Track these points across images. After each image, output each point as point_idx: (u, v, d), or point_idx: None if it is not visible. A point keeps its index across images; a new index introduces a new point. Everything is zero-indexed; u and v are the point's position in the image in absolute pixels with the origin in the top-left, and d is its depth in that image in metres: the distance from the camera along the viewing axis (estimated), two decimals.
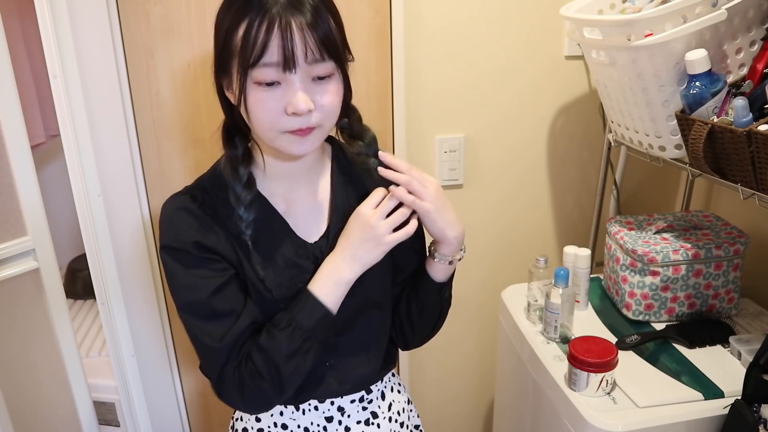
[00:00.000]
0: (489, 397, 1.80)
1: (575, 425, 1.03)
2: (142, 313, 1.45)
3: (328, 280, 0.81)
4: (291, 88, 0.72)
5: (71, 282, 2.01)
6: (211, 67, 0.79)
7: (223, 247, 0.81)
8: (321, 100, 0.74)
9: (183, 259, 0.80)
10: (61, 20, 1.20)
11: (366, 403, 0.95)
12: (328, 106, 0.75)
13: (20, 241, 1.15)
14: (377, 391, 0.97)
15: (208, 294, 0.79)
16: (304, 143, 0.76)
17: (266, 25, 0.69)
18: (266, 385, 0.80)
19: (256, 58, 0.70)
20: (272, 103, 0.72)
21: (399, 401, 1.01)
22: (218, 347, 0.79)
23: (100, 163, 1.31)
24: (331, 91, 0.75)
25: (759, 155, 0.89)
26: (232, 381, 0.80)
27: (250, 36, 0.69)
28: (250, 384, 0.80)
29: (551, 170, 1.61)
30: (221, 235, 0.82)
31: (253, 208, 0.81)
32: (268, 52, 0.69)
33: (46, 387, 1.26)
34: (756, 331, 1.19)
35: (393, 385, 1.01)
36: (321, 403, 0.92)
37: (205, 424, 1.63)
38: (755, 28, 1.03)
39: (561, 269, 1.16)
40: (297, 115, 0.73)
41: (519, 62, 1.48)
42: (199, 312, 0.80)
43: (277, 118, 0.73)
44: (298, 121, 0.73)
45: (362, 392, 0.95)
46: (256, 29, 0.69)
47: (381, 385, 0.98)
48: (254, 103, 0.73)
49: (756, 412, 0.92)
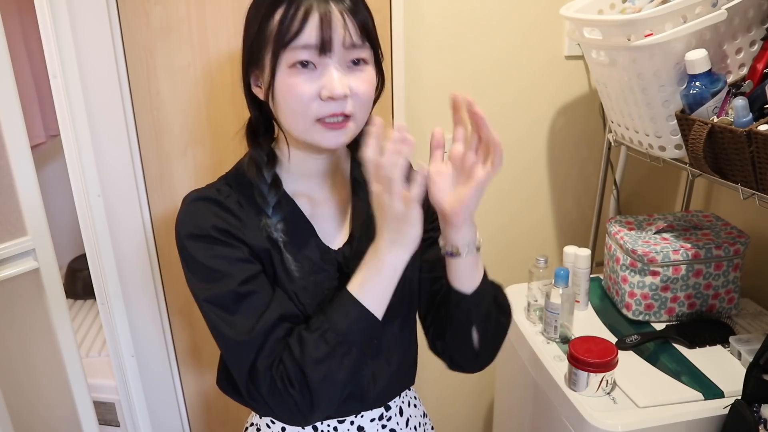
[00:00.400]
0: (489, 397, 1.80)
1: (575, 425, 1.03)
2: (142, 313, 1.45)
3: (369, 269, 0.72)
4: (326, 71, 0.70)
5: (71, 282, 2.01)
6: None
7: (250, 239, 0.76)
8: (356, 87, 0.72)
9: (207, 245, 0.74)
10: (61, 20, 1.20)
11: (385, 421, 0.91)
12: (362, 95, 0.73)
13: (20, 241, 1.14)
14: (395, 407, 0.93)
15: (237, 283, 0.73)
16: (337, 136, 0.73)
17: (304, 9, 0.68)
18: (295, 393, 0.71)
19: (292, 37, 0.68)
20: (306, 86, 0.70)
21: (415, 416, 0.98)
22: (246, 340, 0.72)
23: (100, 163, 1.31)
24: (366, 80, 0.73)
25: (759, 155, 0.89)
26: (264, 380, 0.72)
27: (287, 19, 0.68)
28: (281, 389, 0.71)
29: (551, 170, 1.61)
30: (249, 228, 0.77)
31: (280, 208, 0.78)
32: (305, 34, 0.68)
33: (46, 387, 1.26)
34: (756, 331, 1.19)
35: (410, 399, 0.97)
36: (341, 424, 0.88)
37: (205, 424, 1.63)
38: (755, 28, 1.03)
39: (561, 269, 1.16)
40: (332, 99, 0.70)
41: (519, 62, 1.48)
42: (225, 302, 0.73)
43: (310, 103, 0.70)
44: (333, 107, 0.71)
45: (381, 409, 0.90)
46: (294, 12, 0.68)
47: (399, 400, 0.93)
48: (287, 88, 0.70)
49: (756, 412, 0.92)
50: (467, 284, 0.80)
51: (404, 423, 0.94)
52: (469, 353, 0.84)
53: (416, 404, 1.00)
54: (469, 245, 0.77)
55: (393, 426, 0.92)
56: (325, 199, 0.84)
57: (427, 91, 1.46)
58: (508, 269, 1.67)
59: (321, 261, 0.80)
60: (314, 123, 0.72)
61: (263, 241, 0.77)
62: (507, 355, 1.40)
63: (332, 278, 0.81)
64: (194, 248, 0.75)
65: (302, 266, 0.79)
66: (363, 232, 0.82)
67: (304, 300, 0.79)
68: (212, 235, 0.74)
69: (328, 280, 0.80)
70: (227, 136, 1.36)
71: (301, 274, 0.78)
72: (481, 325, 0.82)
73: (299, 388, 0.71)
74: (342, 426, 0.88)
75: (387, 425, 0.92)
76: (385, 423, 0.91)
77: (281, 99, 0.72)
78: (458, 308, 0.81)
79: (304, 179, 0.83)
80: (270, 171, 0.79)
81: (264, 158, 0.79)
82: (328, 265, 0.81)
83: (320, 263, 0.80)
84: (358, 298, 0.73)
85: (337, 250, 0.83)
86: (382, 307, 0.74)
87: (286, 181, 0.82)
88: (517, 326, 1.30)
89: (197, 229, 0.75)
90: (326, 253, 0.82)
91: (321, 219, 0.83)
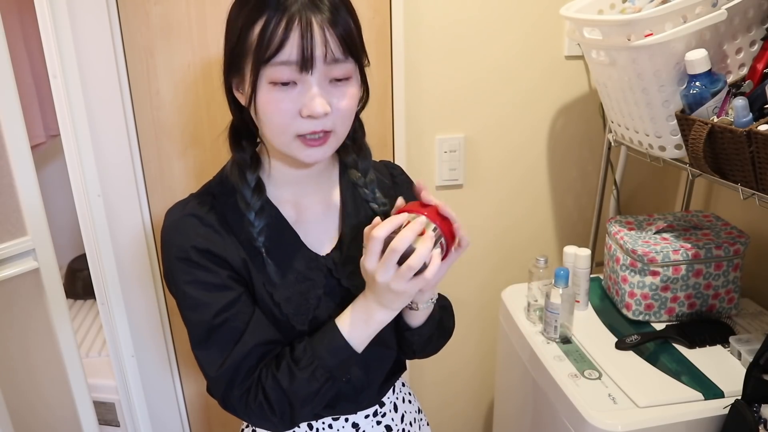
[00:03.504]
0: (489, 397, 1.80)
1: (575, 425, 1.03)
2: (142, 313, 1.45)
3: (358, 319, 0.75)
4: (307, 90, 0.69)
5: (71, 282, 2.01)
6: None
7: (231, 256, 0.77)
8: (338, 103, 0.71)
9: (187, 269, 0.75)
10: (61, 20, 1.20)
11: (380, 417, 0.92)
12: (344, 110, 0.72)
13: (20, 241, 1.14)
14: (390, 403, 0.94)
15: (212, 314, 0.75)
16: (317, 151, 0.73)
17: (285, 22, 0.66)
18: (275, 420, 0.76)
19: (272, 55, 0.66)
20: (287, 104, 0.69)
21: (410, 411, 0.98)
22: (215, 376, 0.76)
23: (100, 163, 1.31)
24: (348, 95, 0.72)
25: (759, 155, 0.89)
26: (239, 406, 0.77)
27: (267, 32, 0.66)
28: (256, 413, 0.76)
29: (551, 170, 1.61)
30: (231, 244, 0.77)
31: (263, 214, 0.78)
32: (286, 50, 0.66)
33: (45, 387, 1.26)
34: (756, 331, 1.19)
35: (404, 395, 0.98)
36: (335, 421, 0.89)
37: (204, 424, 1.63)
38: (755, 28, 1.03)
39: (561, 269, 1.16)
40: (312, 118, 0.69)
41: (519, 62, 1.48)
42: (199, 334, 0.76)
43: (291, 121, 0.70)
44: (313, 124, 0.70)
45: (375, 406, 0.91)
46: (274, 26, 0.66)
47: (393, 396, 0.95)
48: (267, 104, 0.70)
49: (756, 412, 0.92)
50: (415, 322, 0.85)
51: (399, 419, 0.95)
52: (408, 354, 0.92)
53: (411, 400, 1.00)
54: (428, 302, 0.82)
55: (388, 422, 0.93)
56: (311, 204, 0.83)
57: (427, 94, 1.46)
58: (508, 269, 1.68)
59: (306, 270, 0.80)
60: (294, 139, 0.72)
61: (244, 253, 0.77)
62: (507, 355, 1.40)
63: (318, 287, 0.80)
64: (175, 269, 0.76)
65: (286, 277, 0.79)
66: (353, 237, 0.82)
67: (287, 311, 0.78)
68: (192, 259, 0.75)
69: (314, 289, 0.80)
70: None
71: (284, 284, 0.78)
72: (422, 345, 0.88)
73: (280, 417, 0.76)
74: (336, 423, 0.89)
75: (382, 421, 0.92)
76: (380, 419, 0.92)
77: (262, 114, 0.71)
78: (402, 335, 0.87)
79: (287, 185, 0.82)
80: (253, 174, 0.78)
81: (247, 161, 0.78)
82: (315, 272, 0.80)
83: (305, 272, 0.80)
84: (348, 340, 0.75)
85: (326, 255, 0.82)
86: (365, 345, 0.77)
87: (269, 187, 0.81)
88: (517, 326, 1.30)
89: (179, 250, 0.76)
90: (313, 260, 0.81)
91: (307, 225, 0.82)
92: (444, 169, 1.52)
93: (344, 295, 0.81)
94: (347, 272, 0.82)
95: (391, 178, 0.93)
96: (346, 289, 0.82)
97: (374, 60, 1.38)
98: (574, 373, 1.10)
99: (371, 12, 1.34)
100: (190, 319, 0.77)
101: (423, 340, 0.87)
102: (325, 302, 0.81)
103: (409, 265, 0.66)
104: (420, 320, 0.84)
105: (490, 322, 1.68)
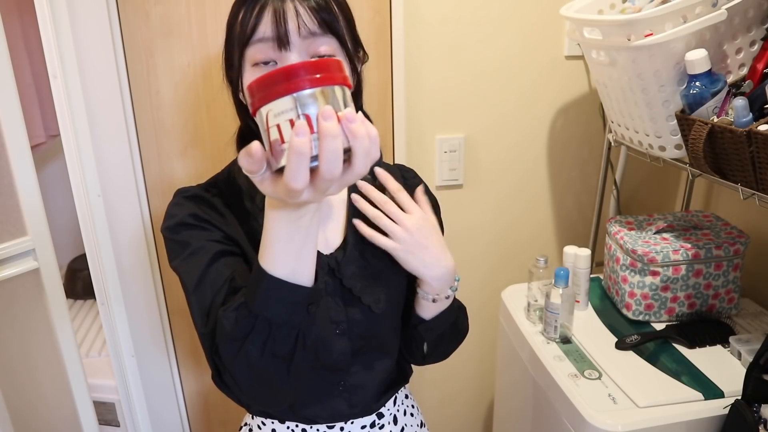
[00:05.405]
0: (489, 397, 1.80)
1: (575, 425, 1.03)
2: (142, 313, 1.45)
3: (262, 241, 0.63)
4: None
5: (71, 282, 2.01)
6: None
7: (233, 234, 0.77)
8: None
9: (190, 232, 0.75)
10: (61, 20, 1.20)
11: (378, 429, 0.89)
12: None
13: (20, 241, 1.14)
14: (389, 415, 0.91)
15: (208, 259, 0.73)
16: None
17: (260, 5, 0.69)
18: (225, 376, 0.69)
19: (249, 34, 0.69)
20: None
21: (411, 425, 0.96)
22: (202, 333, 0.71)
23: (100, 163, 1.31)
24: None
25: (759, 155, 0.89)
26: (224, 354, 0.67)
27: (246, 17, 0.69)
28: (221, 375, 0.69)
29: (551, 170, 1.61)
30: (234, 227, 0.77)
31: None
32: (261, 28, 0.69)
33: (45, 387, 1.26)
34: (756, 331, 1.19)
35: (406, 408, 0.96)
36: (330, 429, 0.87)
37: (205, 424, 1.63)
38: (755, 28, 1.03)
39: (561, 269, 1.16)
40: None
41: (519, 62, 1.48)
42: (193, 282, 0.72)
43: None
44: None
45: (374, 417, 0.89)
46: (251, 9, 0.69)
47: (394, 408, 0.92)
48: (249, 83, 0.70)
49: (756, 412, 0.92)
50: (428, 314, 0.85)
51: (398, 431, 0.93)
52: (417, 357, 0.90)
53: (413, 413, 0.98)
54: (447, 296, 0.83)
55: None
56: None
57: (428, 94, 1.46)
58: (508, 269, 1.68)
59: None
60: None
61: (247, 244, 0.78)
62: (507, 355, 1.40)
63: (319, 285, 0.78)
64: (173, 232, 0.76)
65: None
66: (359, 237, 0.82)
67: None
68: (190, 223, 0.76)
69: None
70: (227, 136, 1.34)
71: None
72: (433, 343, 0.87)
73: (222, 370, 0.68)
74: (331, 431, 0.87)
75: None
76: (378, 431, 0.90)
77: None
78: (415, 329, 0.86)
79: None
80: None
81: None
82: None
83: None
84: (265, 267, 0.63)
85: (330, 255, 0.82)
86: (297, 272, 0.63)
87: None
88: (517, 326, 1.30)
89: (181, 218, 0.76)
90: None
91: None
92: (444, 169, 1.52)
93: (345, 295, 0.81)
94: (350, 272, 0.81)
95: (403, 180, 0.93)
96: (347, 289, 0.81)
97: (374, 60, 1.38)
98: (574, 373, 1.11)
99: (371, 12, 1.34)
100: (184, 269, 0.74)
101: (435, 336, 0.86)
102: (325, 302, 0.80)
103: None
104: (433, 312, 0.85)
105: (490, 322, 1.68)
